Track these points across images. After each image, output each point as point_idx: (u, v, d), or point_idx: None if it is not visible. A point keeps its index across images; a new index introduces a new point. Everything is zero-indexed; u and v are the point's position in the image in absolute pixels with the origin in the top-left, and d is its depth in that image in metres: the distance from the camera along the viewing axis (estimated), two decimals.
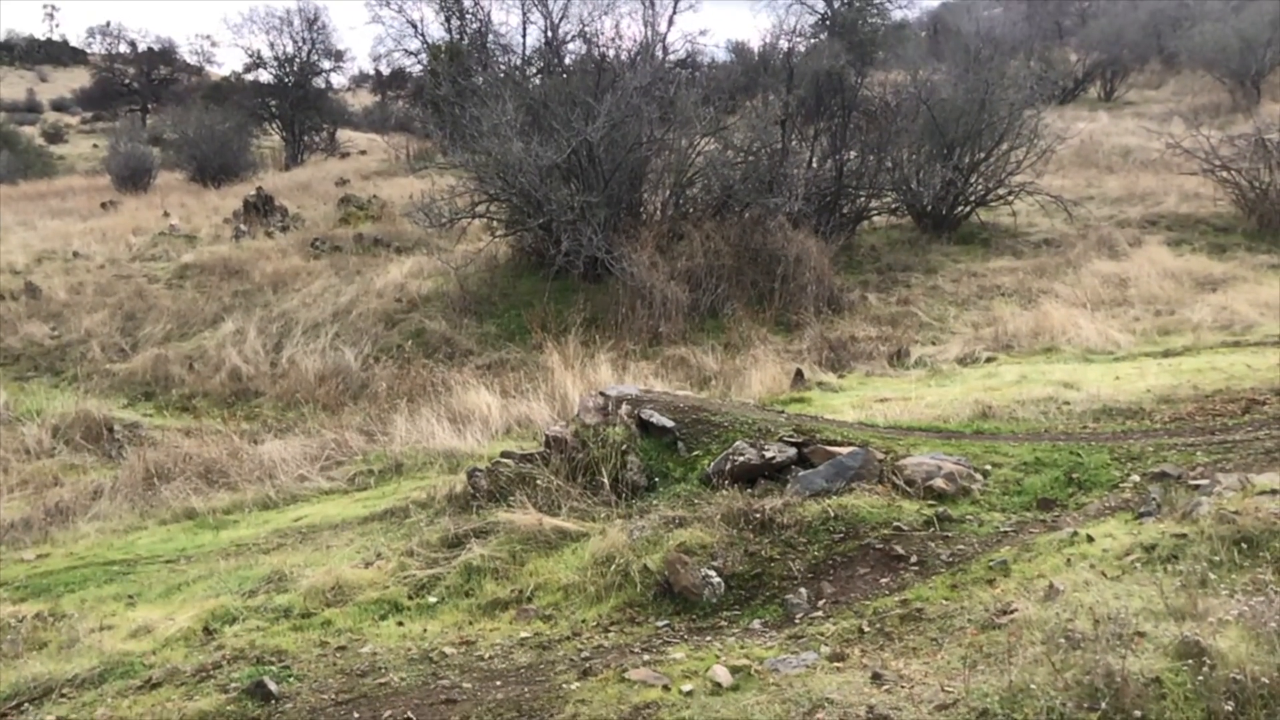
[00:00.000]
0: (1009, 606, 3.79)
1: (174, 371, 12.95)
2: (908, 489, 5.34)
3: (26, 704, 4.33)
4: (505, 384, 10.74)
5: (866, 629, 4.09)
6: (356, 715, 3.97)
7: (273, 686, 4.13)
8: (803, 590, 4.65)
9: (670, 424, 6.30)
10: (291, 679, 4.25)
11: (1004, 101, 16.26)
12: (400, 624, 4.84)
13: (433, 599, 5.07)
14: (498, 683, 4.14)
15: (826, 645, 3.99)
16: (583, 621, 4.71)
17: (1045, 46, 29.79)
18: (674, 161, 15.07)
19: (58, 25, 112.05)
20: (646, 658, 4.15)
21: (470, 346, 12.76)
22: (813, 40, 26.76)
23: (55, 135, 65.21)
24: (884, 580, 4.59)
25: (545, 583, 5.07)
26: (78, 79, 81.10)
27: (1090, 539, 4.18)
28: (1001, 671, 3.22)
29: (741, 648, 4.14)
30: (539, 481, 6.05)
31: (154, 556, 6.85)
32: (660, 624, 4.60)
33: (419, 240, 17.55)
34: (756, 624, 4.48)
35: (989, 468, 5.60)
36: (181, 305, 15.39)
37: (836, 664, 3.80)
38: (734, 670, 3.82)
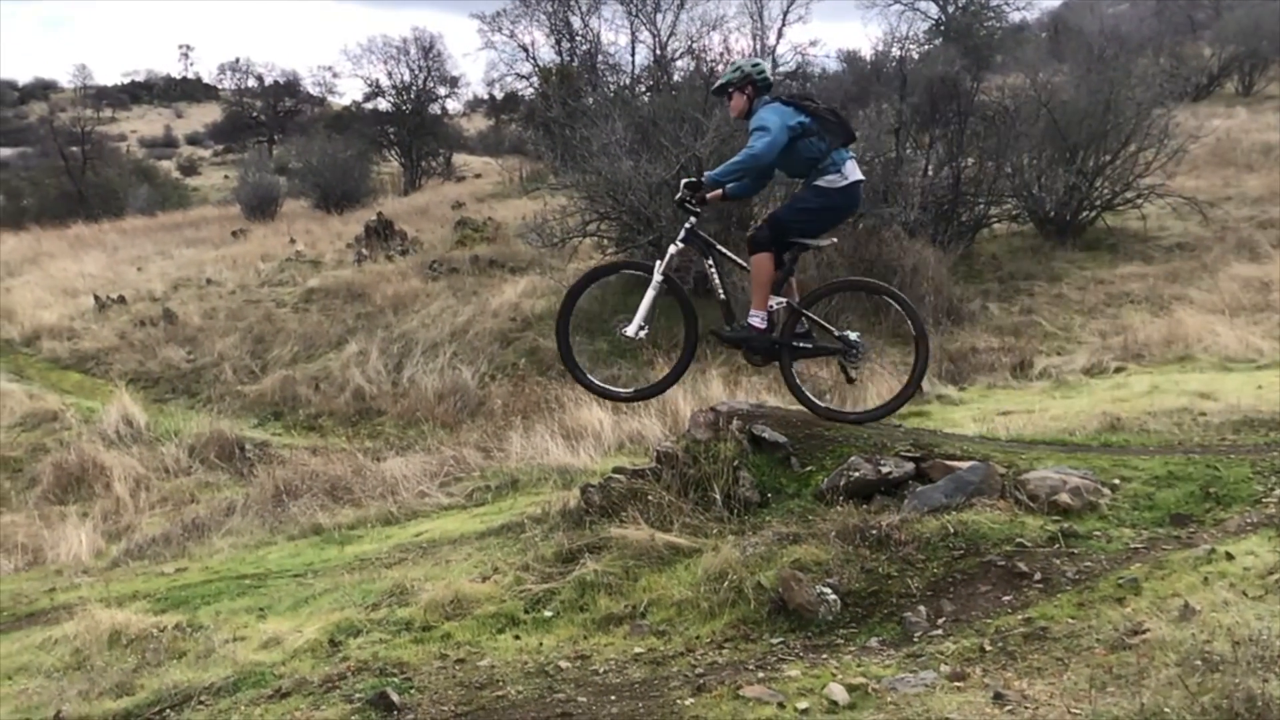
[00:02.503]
0: (1140, 626, 3.63)
1: (301, 392, 13.43)
2: (1031, 504, 5.17)
3: (168, 710, 4.53)
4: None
5: (988, 648, 3.97)
6: None
7: (395, 698, 4.22)
8: (921, 608, 4.53)
9: (783, 439, 6.23)
10: (413, 691, 4.34)
11: (1131, 101, 15.68)
12: (517, 638, 4.89)
13: (548, 613, 5.11)
14: (612, 698, 4.15)
15: (946, 664, 3.88)
16: (696, 638, 4.69)
17: (1176, 42, 28.60)
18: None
19: (192, 64, 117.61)
20: (761, 675, 4.10)
21: (583, 364, 12.88)
22: (926, 46, 26.29)
23: (190, 168, 68.58)
24: (1006, 598, 4.44)
25: (658, 598, 5.06)
26: (210, 114, 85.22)
27: (1230, 557, 3.97)
28: (1133, 694, 3.08)
29: (858, 666, 4.06)
30: (651, 497, 6.05)
31: (283, 571, 7.09)
32: (775, 641, 4.54)
33: (532, 260, 17.84)
34: (874, 642, 4.39)
35: (1118, 482, 5.37)
36: (307, 328, 15.95)
37: (957, 683, 3.70)
38: (851, 689, 3.75)
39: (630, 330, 6.31)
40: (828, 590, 4.73)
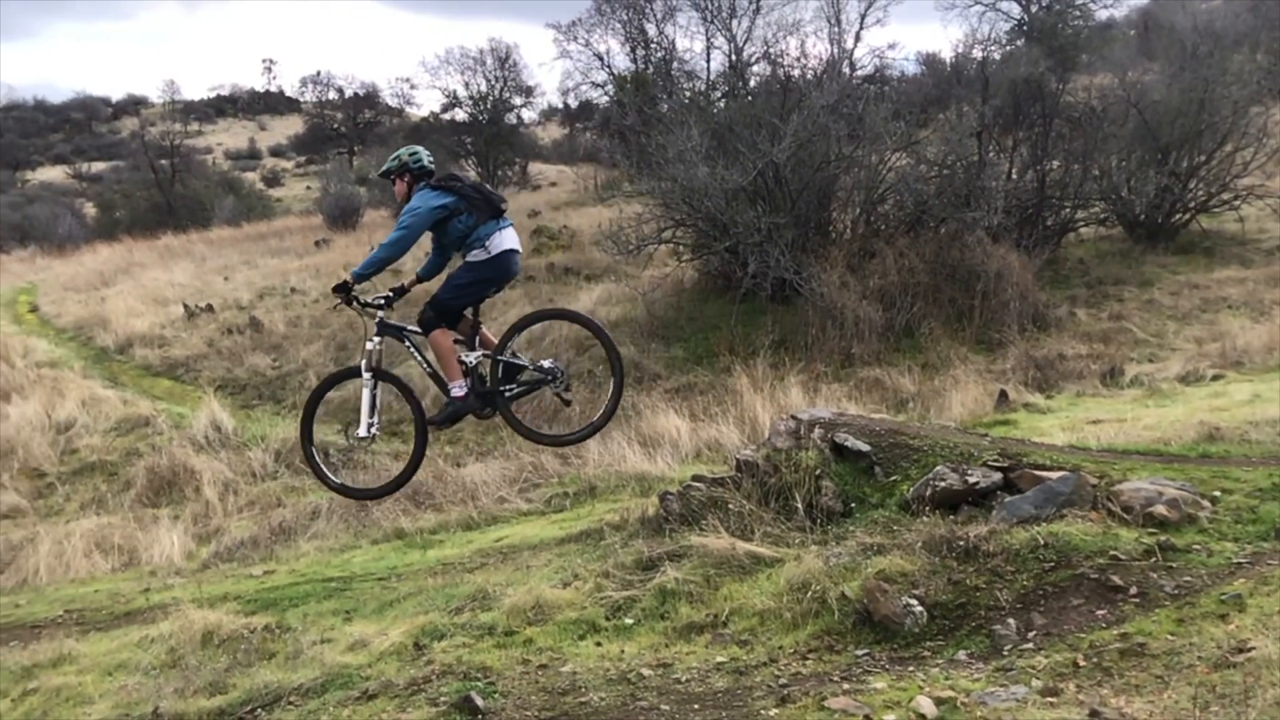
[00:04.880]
0: (1245, 644, 3.50)
1: (382, 398, 13.61)
2: (1125, 516, 5.02)
3: (259, 709, 4.62)
4: (694, 408, 10.76)
5: (1082, 663, 3.86)
6: None
7: (480, 702, 4.25)
8: (1011, 621, 4.43)
9: (866, 448, 6.15)
10: (496, 695, 4.36)
11: (1226, 99, 15.17)
12: (598, 644, 4.90)
13: (629, 620, 5.11)
14: (695, 706, 4.13)
15: (1038, 679, 3.79)
16: (779, 648, 4.64)
17: (1274, 37, 27.59)
18: (864, 179, 14.80)
19: (275, 78, 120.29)
20: (846, 687, 4.05)
21: (658, 371, 12.86)
22: (1009, 47, 25.77)
23: (273, 179, 70.25)
24: (1100, 612, 4.32)
25: (740, 607, 5.02)
26: (292, 126, 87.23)
27: None
28: (1237, 714, 2.97)
29: (946, 679, 3.98)
30: (731, 506, 6.01)
31: (367, 574, 7.20)
32: (859, 653, 4.48)
33: (608, 267, 17.88)
34: (962, 655, 4.30)
35: (1218, 494, 5.19)
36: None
37: (1050, 699, 3.60)
38: (939, 702, 3.68)
39: (361, 431, 6.52)
40: (914, 602, 4.65)
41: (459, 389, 6.27)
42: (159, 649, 5.76)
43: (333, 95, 75.34)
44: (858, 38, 19.00)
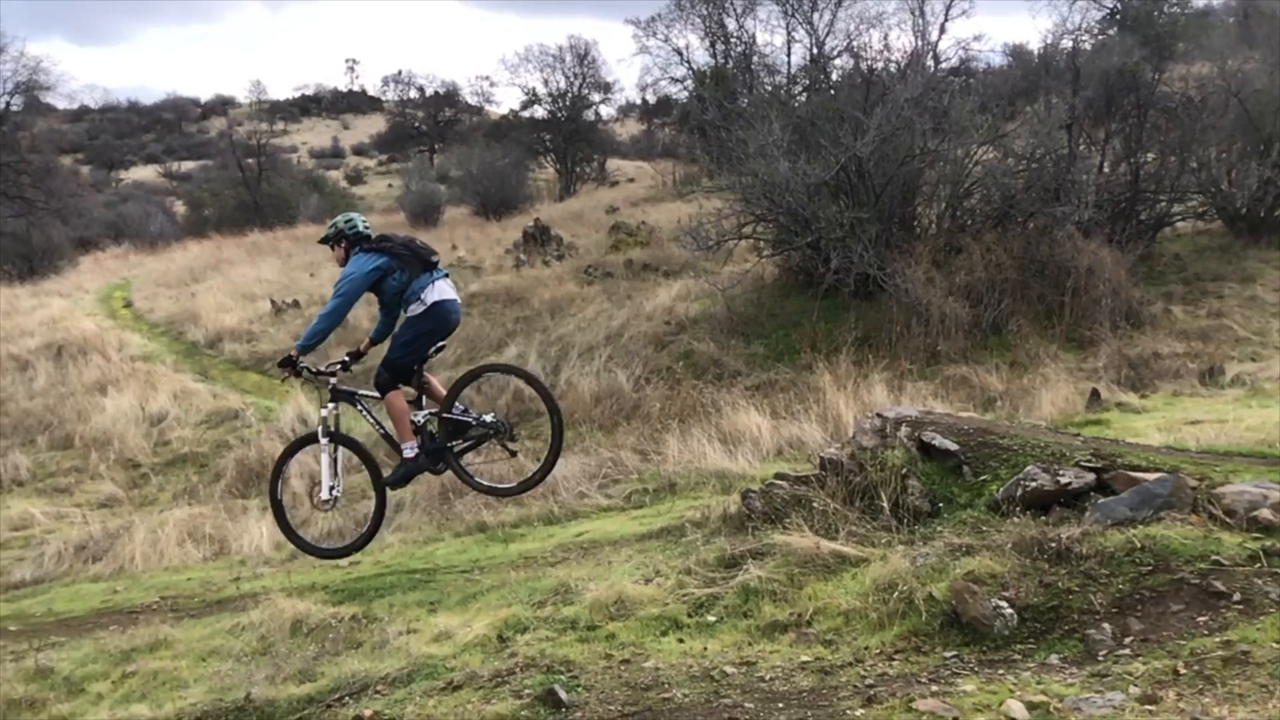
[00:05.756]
0: None
1: (464, 393, 13.75)
2: (1227, 520, 4.83)
3: (347, 697, 4.69)
4: (775, 405, 10.69)
5: (1182, 671, 3.73)
6: None
7: (563, 695, 4.25)
8: (1106, 626, 4.29)
9: (954, 447, 6.02)
10: (580, 689, 4.37)
11: None
12: (681, 641, 4.87)
13: (711, 618, 5.07)
14: (780, 705, 4.08)
15: (1135, 686, 3.66)
16: (865, 648, 4.56)
17: None
18: (949, 173, 14.54)
19: (358, 77, 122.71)
20: (934, 688, 3.97)
21: (739, 367, 12.80)
22: (1100, 37, 25.11)
23: (356, 177, 71.58)
24: (1201, 619, 4.16)
25: (824, 607, 4.95)
26: (374, 125, 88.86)
27: None
28: None
29: (1038, 683, 3.88)
30: (815, 504, 5.94)
31: (450, 566, 7.28)
32: (948, 655, 4.38)
33: (686, 263, 17.86)
34: (1054, 659, 4.18)
35: None
36: (469, 331, 16.37)
37: (1148, 706, 3.49)
38: (1031, 707, 3.59)
39: (324, 494, 6.88)
40: (1003, 604, 4.53)
41: (410, 450, 6.64)
42: (250, 636, 5.88)
43: (414, 94, 76.63)
44: (942, 30, 18.64)
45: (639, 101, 49.00)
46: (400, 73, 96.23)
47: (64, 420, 14.15)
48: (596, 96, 44.82)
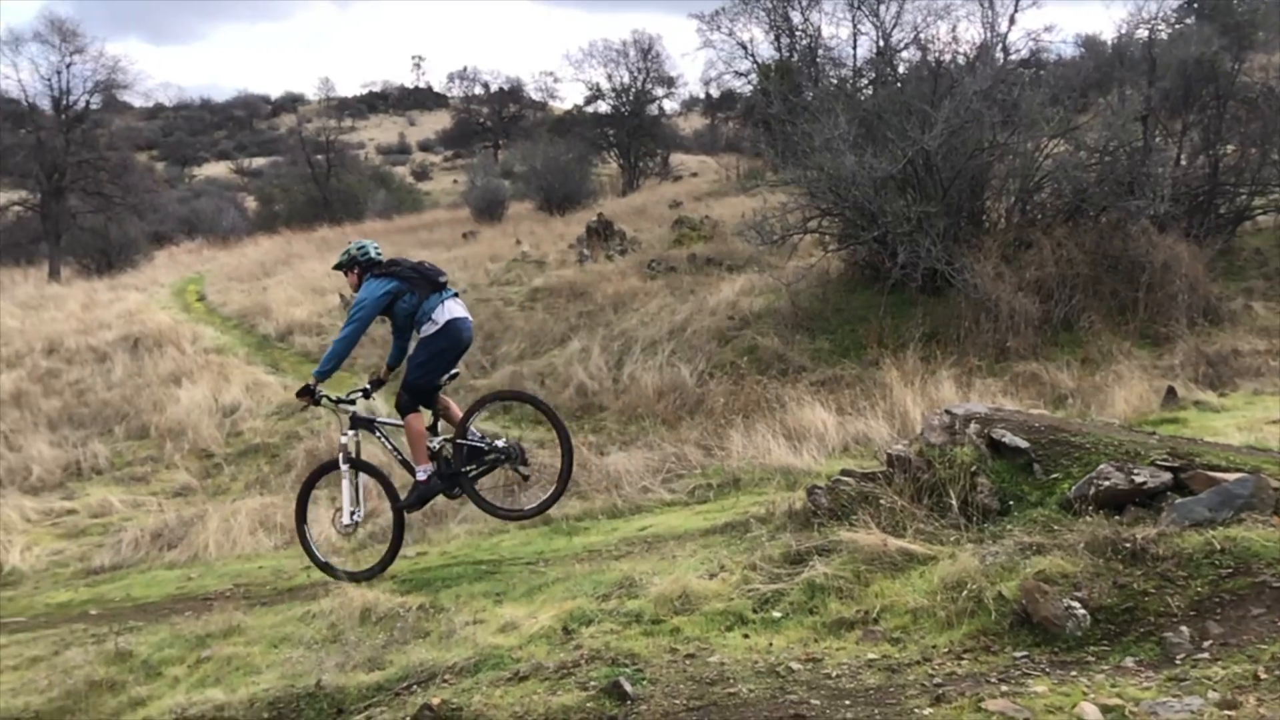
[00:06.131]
0: None
1: (528, 387, 13.88)
2: None
3: (415, 686, 4.75)
4: (840, 401, 10.60)
5: (1263, 676, 3.62)
6: None
7: (628, 688, 4.26)
8: (1184, 629, 4.18)
9: (1024, 444, 5.92)
10: (645, 682, 4.37)
11: None
12: (746, 636, 4.86)
13: (777, 614, 5.04)
14: (846, 702, 4.05)
15: (1215, 690, 3.57)
16: (933, 647, 4.51)
17: None
18: (1019, 166, 14.28)
19: (424, 74, 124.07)
20: (1004, 689, 3.90)
21: (803, 363, 12.72)
22: (1178, 26, 24.47)
23: (422, 173, 72.43)
24: None
25: (891, 605, 4.90)
26: (440, 121, 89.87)
27: None
28: None
29: (1113, 686, 3.79)
30: (882, 501, 5.89)
31: (515, 558, 7.34)
32: (1018, 655, 4.31)
33: (750, 258, 17.78)
34: (1129, 662, 4.09)
35: None
36: (533, 326, 16.49)
37: (1227, 712, 3.39)
38: (1105, 710, 3.51)
39: (345, 519, 7.10)
40: (1076, 604, 4.44)
41: (423, 473, 6.81)
42: (320, 624, 5.98)
43: (479, 90, 77.32)
44: (1012, 21, 18.38)
45: (702, 96, 48.94)
46: (465, 69, 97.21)
47: (140, 411, 14.53)
48: (660, 91, 44.87)
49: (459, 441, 6.86)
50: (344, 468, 7.10)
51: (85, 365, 17.50)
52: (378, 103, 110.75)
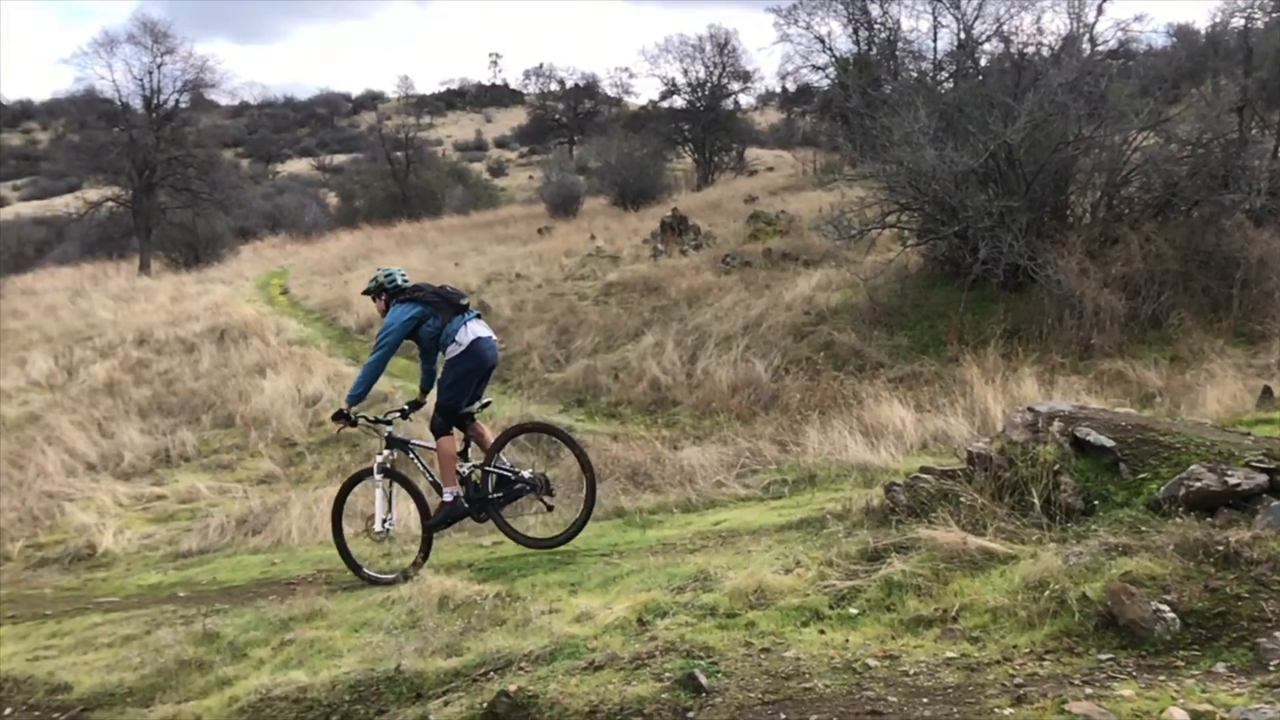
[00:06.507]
0: None
1: (601, 381, 13.94)
2: None
3: (492, 672, 4.81)
4: (919, 398, 10.46)
5: None
6: (783, 716, 4.00)
7: (703, 680, 4.26)
8: (1278, 634, 4.05)
9: (1110, 443, 5.78)
10: (719, 674, 4.37)
11: None
12: (821, 632, 4.82)
13: (853, 610, 5.00)
14: (924, 700, 4.00)
15: None
16: (1014, 647, 4.43)
17: None
18: (1106, 160, 13.90)
19: (500, 71, 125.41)
20: (1089, 691, 3.82)
21: (881, 359, 12.56)
22: (1275, 14, 23.60)
23: (498, 169, 73.17)
24: None
25: (971, 603, 4.83)
26: (516, 118, 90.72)
27: None
28: None
29: (1203, 691, 3.69)
30: (962, 499, 5.80)
31: (590, 549, 7.38)
32: (1103, 657, 4.21)
33: (827, 253, 17.62)
34: (1220, 667, 3.97)
35: None
36: (607, 320, 16.54)
37: None
38: (1194, 715, 3.42)
39: (378, 527, 7.38)
40: (1165, 607, 4.33)
41: (450, 494, 7.09)
42: (399, 610, 6.09)
43: (554, 87, 77.79)
44: (1100, 11, 17.88)
45: (779, 90, 48.61)
46: (541, 66, 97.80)
47: (226, 400, 14.93)
48: (736, 85, 44.71)
49: (487, 469, 7.16)
50: (378, 478, 7.43)
51: (174, 356, 18.03)
52: (455, 100, 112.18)
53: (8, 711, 5.76)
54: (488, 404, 7.48)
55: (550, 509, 7.32)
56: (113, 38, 40.04)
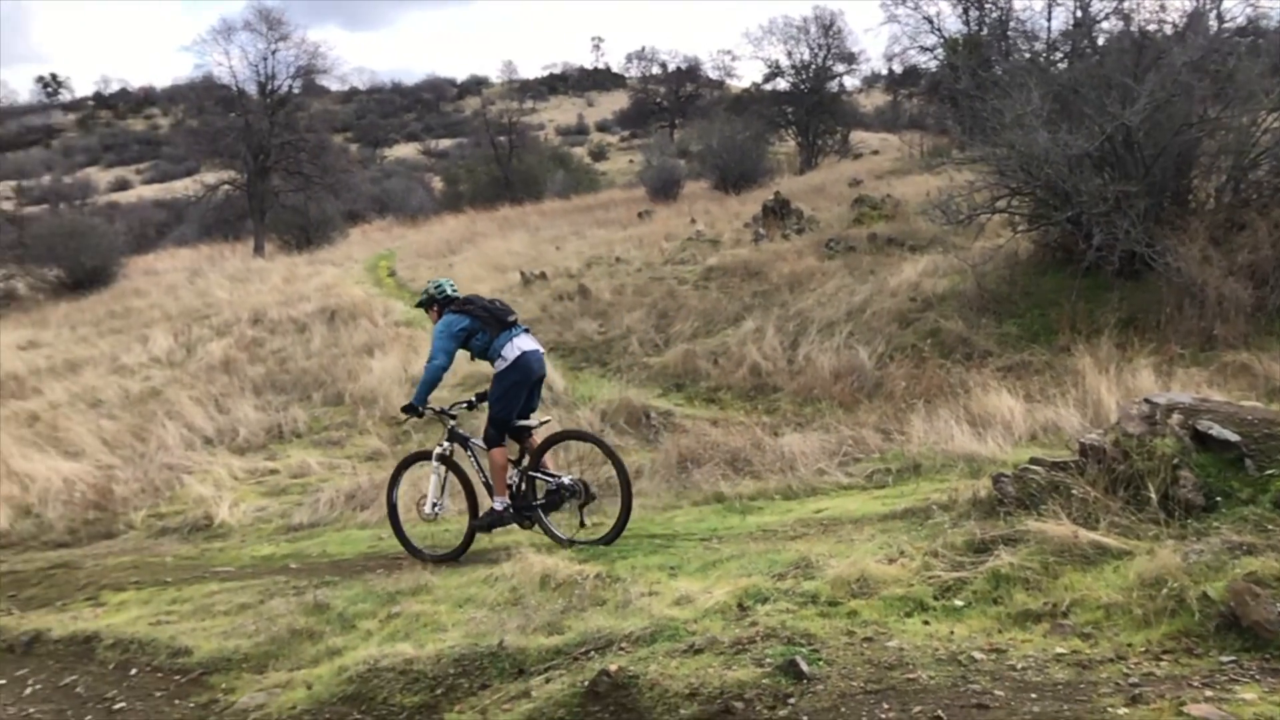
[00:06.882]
0: None
1: (701, 366, 13.90)
2: None
3: (592, 651, 4.86)
4: (1028, 387, 10.19)
5: None
6: (885, 705, 3.96)
7: (804, 667, 4.24)
8: None
9: (1234, 438, 5.53)
10: (821, 662, 4.34)
11: None
12: (926, 623, 4.75)
13: (959, 602, 4.91)
14: (1033, 695, 3.92)
15: None
16: (1128, 645, 4.30)
17: None
18: (1232, 142, 13.27)
19: (603, 55, 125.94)
20: (1209, 693, 3.69)
21: (989, 347, 12.25)
22: None
23: (599, 153, 73.53)
24: None
25: (1082, 599, 4.70)
26: (617, 101, 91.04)
27: None
28: None
29: None
30: (1074, 492, 5.63)
31: (689, 534, 7.40)
32: (1224, 659, 4.06)
33: (933, 238, 17.26)
34: None
35: None
36: (707, 305, 16.50)
37: None
38: None
39: (427, 509, 7.77)
40: None
41: (500, 503, 7.44)
42: (502, 587, 6.20)
43: (656, 70, 77.78)
44: None
45: (885, 72, 47.74)
46: (644, 49, 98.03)
47: (336, 379, 15.34)
48: (841, 68, 44.05)
49: (531, 473, 7.48)
50: (435, 462, 7.80)
51: (286, 335, 18.62)
52: (558, 84, 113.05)
53: (133, 671, 6.05)
54: (547, 421, 7.91)
55: (584, 518, 7.56)
56: (230, 25, 41.54)
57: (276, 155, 40.79)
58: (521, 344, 7.39)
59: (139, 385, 16.18)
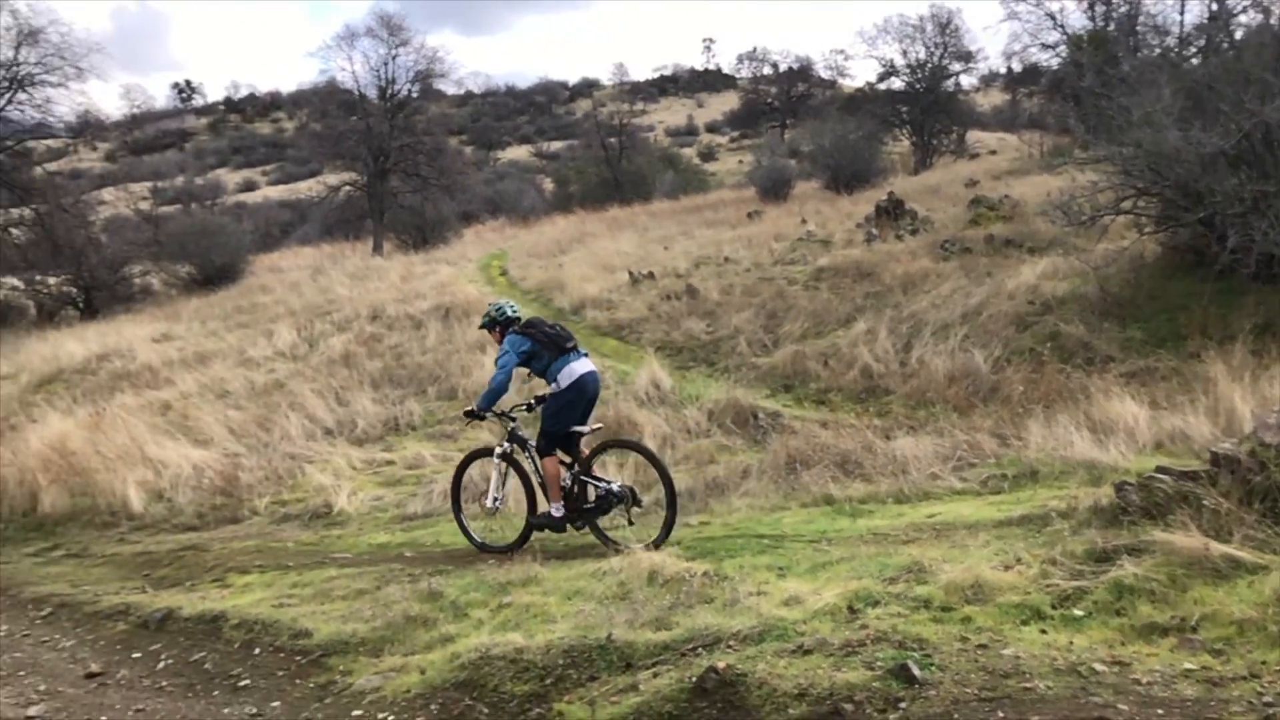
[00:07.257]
0: None
1: (810, 367, 13.75)
2: None
3: (700, 648, 4.87)
4: (1154, 394, 9.81)
5: None
6: (1000, 714, 3.87)
7: (916, 671, 4.18)
8: None
9: None
10: (933, 667, 4.27)
11: None
12: (1043, 632, 4.62)
13: (1079, 612, 4.77)
14: (1159, 711, 3.78)
15: None
16: (1262, 663, 4.11)
17: None
18: None
19: (714, 56, 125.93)
20: None
21: (1111, 352, 11.82)
22: None
23: (708, 154, 73.45)
24: None
25: (1213, 614, 4.51)
26: (728, 102, 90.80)
27: None
28: None
29: None
30: (1204, 502, 5.41)
31: (798, 535, 7.34)
32: None
33: (1053, 240, 16.74)
34: None
35: None
36: (817, 305, 16.31)
37: None
38: None
39: (488, 503, 8.24)
40: None
41: (557, 510, 7.75)
42: (610, 581, 6.25)
43: (767, 70, 77.32)
44: None
45: (1003, 70, 46.51)
46: (755, 50, 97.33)
47: (450, 374, 15.65)
48: (957, 66, 43.06)
49: (582, 478, 7.76)
50: (497, 460, 8.22)
51: (403, 331, 19.09)
52: (668, 86, 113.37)
53: (257, 651, 6.29)
54: (598, 428, 8.18)
55: (631, 523, 7.74)
56: (353, 31, 42.92)
57: (395, 157, 41.90)
58: (577, 369, 7.73)
59: (264, 377, 16.79)
